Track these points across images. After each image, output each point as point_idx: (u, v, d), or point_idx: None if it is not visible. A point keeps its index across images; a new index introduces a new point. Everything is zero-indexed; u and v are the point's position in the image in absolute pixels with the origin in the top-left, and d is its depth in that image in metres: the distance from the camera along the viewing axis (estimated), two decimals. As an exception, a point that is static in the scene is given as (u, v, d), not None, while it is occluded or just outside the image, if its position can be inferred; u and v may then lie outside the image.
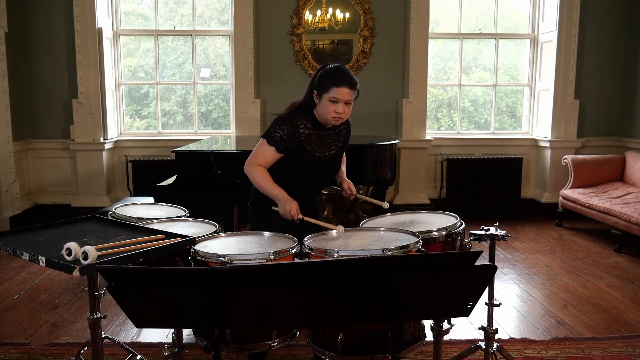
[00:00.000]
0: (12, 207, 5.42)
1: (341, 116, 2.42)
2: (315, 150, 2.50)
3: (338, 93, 2.38)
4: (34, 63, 5.78)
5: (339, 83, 2.38)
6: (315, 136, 2.50)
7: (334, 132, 2.57)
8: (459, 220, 2.31)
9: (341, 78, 2.40)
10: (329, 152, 2.55)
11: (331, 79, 2.40)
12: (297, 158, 2.49)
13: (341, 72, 2.43)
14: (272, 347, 2.03)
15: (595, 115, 6.17)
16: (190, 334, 2.66)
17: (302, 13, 5.86)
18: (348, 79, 2.41)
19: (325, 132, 2.53)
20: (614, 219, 4.74)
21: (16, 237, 2.06)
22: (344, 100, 2.40)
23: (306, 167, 2.52)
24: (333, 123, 2.47)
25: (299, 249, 2.06)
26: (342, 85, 2.38)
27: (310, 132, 2.49)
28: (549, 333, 3.18)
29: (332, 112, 2.40)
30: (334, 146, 2.57)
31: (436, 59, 6.37)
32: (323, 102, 2.41)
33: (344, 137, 2.62)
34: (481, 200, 6.04)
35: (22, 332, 3.20)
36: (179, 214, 2.65)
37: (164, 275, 1.43)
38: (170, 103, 6.34)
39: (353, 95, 2.43)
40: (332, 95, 2.38)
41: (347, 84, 2.39)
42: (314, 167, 2.53)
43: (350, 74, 2.45)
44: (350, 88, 2.40)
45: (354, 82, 2.43)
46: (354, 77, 2.45)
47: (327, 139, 2.54)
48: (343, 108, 2.41)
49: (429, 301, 1.55)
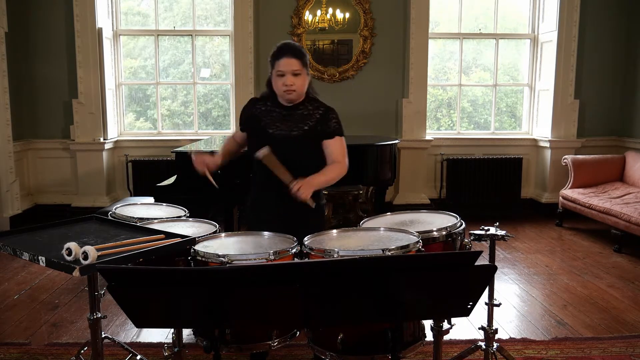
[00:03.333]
0: (12, 207, 5.42)
1: (291, 88, 2.37)
2: (269, 125, 2.44)
3: (280, 65, 2.36)
4: (34, 63, 5.78)
5: (280, 55, 2.37)
6: (276, 113, 2.46)
7: (303, 114, 2.45)
8: (459, 220, 2.31)
9: (281, 50, 2.38)
10: (290, 131, 2.43)
11: (274, 55, 2.40)
12: (254, 135, 2.49)
13: (282, 45, 2.41)
14: (272, 347, 2.03)
15: (595, 115, 6.17)
16: (190, 334, 2.66)
17: (302, 13, 5.86)
18: (289, 49, 2.38)
19: (288, 112, 2.46)
20: (613, 219, 4.74)
21: (16, 237, 2.06)
22: (290, 71, 2.35)
23: (262, 145, 2.40)
24: (287, 97, 2.41)
25: (299, 249, 2.06)
26: (284, 57, 2.35)
27: (270, 108, 2.47)
28: (549, 333, 3.18)
29: (282, 86, 2.38)
30: (297, 127, 2.43)
31: (436, 59, 6.37)
32: (273, 79, 2.42)
33: (315, 121, 2.44)
34: (481, 200, 6.04)
35: (22, 332, 3.20)
36: (179, 214, 2.65)
37: (164, 275, 1.43)
38: (170, 103, 6.34)
39: (299, 65, 2.37)
40: (277, 69, 2.37)
41: (289, 53, 2.36)
42: (270, 145, 2.36)
43: (293, 45, 2.42)
44: (293, 57, 2.36)
45: (297, 52, 2.38)
46: (298, 47, 2.42)
47: (290, 118, 2.45)
48: (292, 80, 2.36)
49: (429, 301, 1.55)
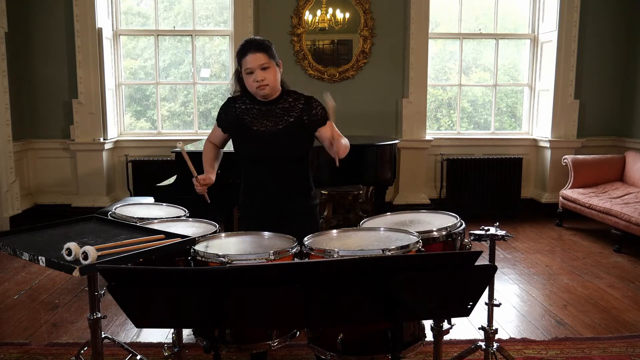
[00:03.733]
0: (12, 207, 5.42)
1: (263, 83, 2.31)
2: (253, 123, 2.40)
3: (247, 62, 2.31)
4: (34, 63, 5.78)
5: (244, 52, 2.32)
6: (256, 110, 2.42)
7: (284, 107, 2.41)
8: (459, 220, 2.30)
9: (243, 47, 2.33)
10: (276, 126, 2.39)
11: (238, 54, 2.35)
12: (238, 135, 2.46)
13: (245, 41, 2.36)
14: (272, 347, 2.03)
15: (595, 115, 6.17)
16: (190, 334, 2.66)
17: (302, 13, 5.86)
18: (251, 44, 2.32)
19: (268, 107, 2.41)
20: (614, 219, 4.74)
21: (16, 237, 2.05)
22: (257, 66, 2.30)
23: (248, 143, 2.42)
24: (261, 93, 2.35)
25: (299, 249, 2.06)
26: (247, 53, 2.30)
27: (249, 106, 2.43)
28: (549, 333, 3.18)
29: (253, 83, 2.33)
30: (283, 121, 2.39)
31: (436, 59, 6.37)
32: (245, 79, 2.37)
33: (299, 112, 2.40)
34: (481, 200, 6.04)
35: (22, 332, 3.20)
36: (179, 214, 2.65)
37: (164, 275, 1.43)
38: (170, 103, 6.34)
39: (266, 58, 2.31)
40: (245, 68, 2.32)
41: (252, 48, 2.30)
42: (255, 142, 2.39)
43: (256, 39, 2.35)
44: (257, 51, 2.30)
45: (261, 45, 2.32)
46: (261, 41, 2.35)
47: (271, 113, 2.40)
48: (262, 74, 2.31)
49: (429, 301, 1.55)
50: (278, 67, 2.38)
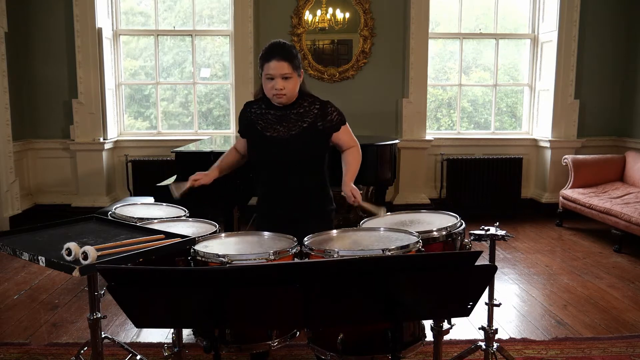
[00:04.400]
0: (12, 207, 5.42)
1: (282, 92, 2.29)
2: (266, 129, 2.39)
3: (269, 68, 2.26)
4: (34, 63, 5.78)
5: (268, 58, 2.27)
6: (271, 115, 2.40)
7: (299, 112, 2.38)
8: (459, 220, 2.30)
9: (269, 52, 2.28)
10: (289, 132, 2.37)
11: (262, 57, 2.30)
12: (253, 140, 2.45)
13: (270, 46, 2.30)
14: (272, 347, 2.03)
15: (595, 115, 6.16)
16: (190, 334, 2.66)
17: (302, 13, 5.86)
18: (277, 51, 2.26)
19: (283, 112, 2.38)
20: (614, 219, 4.73)
21: (16, 237, 2.05)
22: (279, 74, 2.26)
23: (261, 149, 2.41)
24: (277, 101, 2.34)
25: (299, 249, 2.06)
26: (272, 59, 2.25)
27: (264, 111, 2.41)
28: (549, 333, 3.18)
29: (271, 90, 2.30)
30: (296, 127, 2.37)
31: (436, 59, 6.37)
32: (263, 81, 2.34)
33: (313, 117, 2.37)
34: (481, 200, 6.04)
35: (22, 332, 3.20)
36: (179, 214, 2.65)
37: (164, 275, 1.43)
38: (170, 103, 6.34)
39: (290, 68, 2.27)
40: (266, 72, 2.28)
41: (277, 56, 2.25)
42: (268, 148, 2.38)
43: (283, 45, 2.29)
44: (282, 60, 2.25)
45: (287, 54, 2.27)
46: (289, 48, 2.29)
47: (286, 118, 2.38)
48: (282, 84, 2.27)
49: (429, 301, 1.55)
50: (299, 78, 2.36)
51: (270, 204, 2.49)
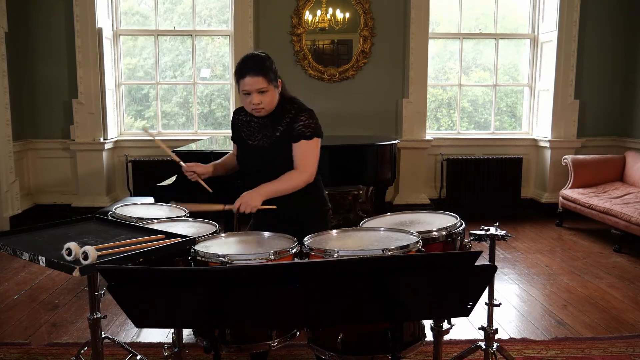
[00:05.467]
0: (12, 207, 5.42)
1: (259, 107, 2.26)
2: (249, 137, 2.41)
3: (245, 84, 2.22)
4: (34, 63, 5.78)
5: (242, 74, 2.23)
6: (254, 123, 2.40)
7: (274, 121, 2.35)
8: (459, 220, 2.30)
9: (242, 67, 2.23)
10: (267, 141, 2.37)
11: (236, 73, 2.26)
12: (239, 148, 2.49)
13: (243, 61, 2.25)
14: (272, 347, 2.03)
15: (595, 115, 6.17)
16: (190, 334, 2.66)
17: (302, 13, 5.86)
18: (251, 66, 2.21)
19: (264, 120, 2.37)
20: (614, 219, 4.74)
21: (16, 237, 2.05)
22: (255, 89, 2.22)
23: (244, 157, 2.44)
24: (257, 114, 2.32)
25: (299, 249, 2.06)
26: (246, 75, 2.21)
27: (249, 118, 2.42)
28: (549, 333, 3.18)
29: (249, 105, 2.28)
30: (271, 135, 2.36)
31: (436, 59, 6.37)
32: (241, 97, 2.31)
33: (286, 125, 2.32)
34: (481, 200, 6.05)
35: (22, 332, 3.20)
36: (179, 214, 2.65)
37: (164, 275, 1.43)
38: (171, 103, 6.34)
39: (265, 82, 2.21)
40: (242, 89, 2.25)
41: (251, 71, 2.20)
42: (250, 157, 2.42)
43: (254, 60, 2.24)
44: (256, 75, 2.20)
45: (260, 68, 2.21)
46: (261, 61, 2.23)
47: (266, 127, 2.37)
48: (259, 98, 2.23)
49: (429, 301, 1.55)
50: (277, 88, 2.32)
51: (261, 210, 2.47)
